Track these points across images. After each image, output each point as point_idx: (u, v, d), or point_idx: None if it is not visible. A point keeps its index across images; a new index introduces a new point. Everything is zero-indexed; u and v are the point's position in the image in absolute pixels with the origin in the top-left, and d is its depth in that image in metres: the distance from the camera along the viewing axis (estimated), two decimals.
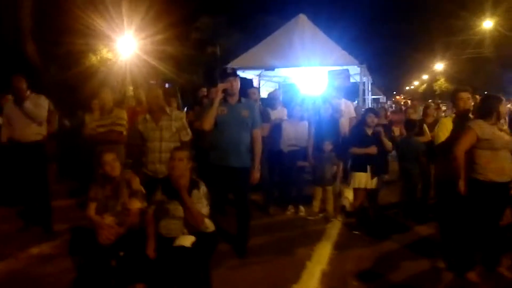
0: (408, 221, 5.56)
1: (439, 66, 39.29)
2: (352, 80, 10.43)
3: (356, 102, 9.90)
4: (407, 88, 61.38)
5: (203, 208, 3.13)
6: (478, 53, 26.80)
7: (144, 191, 3.42)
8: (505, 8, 20.40)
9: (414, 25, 31.02)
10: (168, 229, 3.12)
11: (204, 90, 7.30)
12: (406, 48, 34.52)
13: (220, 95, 4.11)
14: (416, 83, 56.27)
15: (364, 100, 11.16)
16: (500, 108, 3.69)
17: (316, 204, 5.80)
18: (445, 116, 7.84)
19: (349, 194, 6.33)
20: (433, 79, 43.68)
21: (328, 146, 5.59)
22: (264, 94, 9.41)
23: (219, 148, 4.17)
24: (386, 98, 33.67)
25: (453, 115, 4.35)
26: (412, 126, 5.79)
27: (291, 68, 11.06)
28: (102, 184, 3.39)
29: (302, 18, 10.95)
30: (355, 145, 5.22)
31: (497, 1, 20.73)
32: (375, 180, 5.20)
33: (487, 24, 22.46)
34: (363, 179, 5.18)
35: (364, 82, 10.86)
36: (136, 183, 3.39)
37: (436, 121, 6.29)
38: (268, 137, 5.53)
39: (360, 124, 5.40)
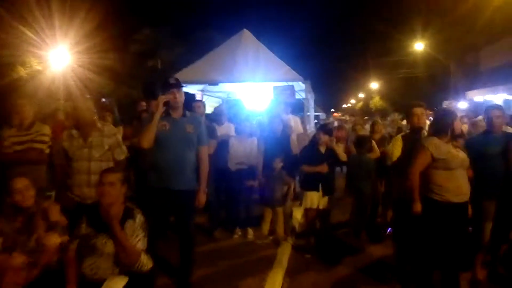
0: (359, 241, 5.35)
1: (374, 85, 41.26)
2: (297, 96, 10.33)
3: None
4: (344, 105, 63.85)
5: (139, 242, 2.62)
6: (411, 73, 28.37)
7: (66, 222, 2.83)
8: (433, 31, 21.74)
9: (352, 45, 32.39)
10: (95, 269, 2.56)
11: (144, 104, 6.74)
12: (344, 67, 35.96)
13: (161, 109, 3.64)
14: (353, 101, 58.68)
15: (307, 116, 11.10)
16: (454, 124, 3.57)
17: (266, 227, 5.43)
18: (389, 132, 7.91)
19: (298, 214, 6.06)
20: (369, 97, 45.71)
21: (278, 163, 5.26)
22: (208, 109, 9.02)
23: (160, 169, 3.66)
24: (326, 115, 34.62)
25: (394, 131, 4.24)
26: (363, 143, 5.64)
27: (235, 83, 10.76)
28: (11, 216, 2.75)
29: (246, 33, 10.74)
30: (307, 163, 4.96)
31: (426, 24, 22.05)
32: (326, 199, 4.96)
33: (419, 46, 23.81)
34: (315, 198, 4.93)
35: (308, 98, 10.80)
36: (55, 213, 2.80)
37: (383, 138, 6.25)
38: (214, 155, 5.10)
39: (312, 141, 5.15)
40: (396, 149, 4.07)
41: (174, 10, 20.47)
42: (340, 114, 46.22)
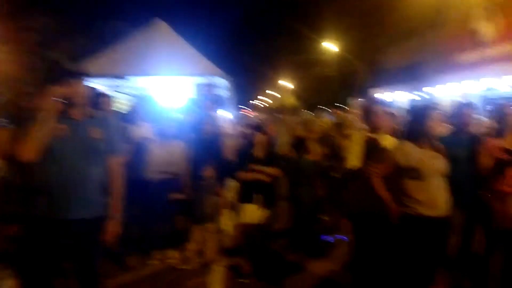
0: (299, 257, 4.73)
1: (286, 83, 42.02)
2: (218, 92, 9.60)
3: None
4: (252, 102, 64.25)
5: None
6: (322, 72, 29.13)
7: None
8: (344, 32, 22.37)
9: (265, 42, 32.34)
10: None
11: (36, 101, 5.41)
12: (256, 63, 35.83)
13: (54, 106, 2.61)
14: (264, 98, 59.37)
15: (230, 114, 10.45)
16: (431, 126, 3.04)
17: (192, 247, 4.54)
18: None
19: (229, 227, 5.29)
20: (282, 95, 46.50)
21: (208, 172, 4.42)
22: (120, 108, 7.86)
23: (53, 191, 2.59)
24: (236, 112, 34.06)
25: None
26: (301, 144, 5.04)
27: (149, 78, 9.67)
28: None
29: (160, 23, 9.73)
30: (243, 169, 4.21)
31: (338, 24, 22.64)
32: (265, 212, 4.26)
33: (331, 45, 24.40)
34: (253, 212, 4.20)
35: (230, 95, 10.15)
36: None
37: (324, 137, 5.77)
38: (128, 162, 4.09)
39: (247, 145, 4.40)
40: (352, 153, 3.49)
41: None
42: (250, 111, 46.21)
